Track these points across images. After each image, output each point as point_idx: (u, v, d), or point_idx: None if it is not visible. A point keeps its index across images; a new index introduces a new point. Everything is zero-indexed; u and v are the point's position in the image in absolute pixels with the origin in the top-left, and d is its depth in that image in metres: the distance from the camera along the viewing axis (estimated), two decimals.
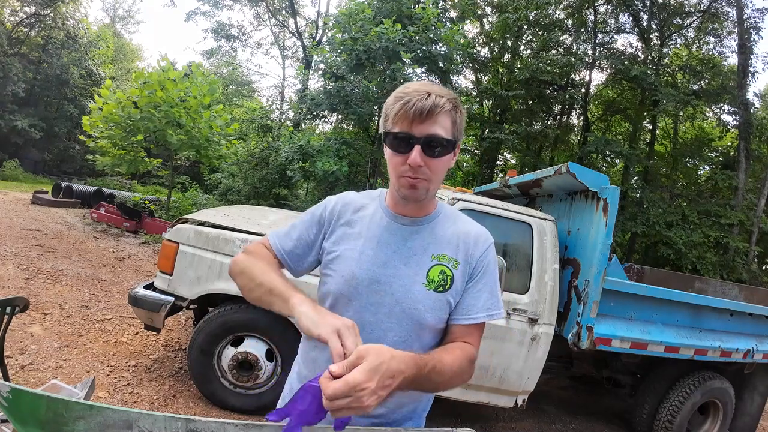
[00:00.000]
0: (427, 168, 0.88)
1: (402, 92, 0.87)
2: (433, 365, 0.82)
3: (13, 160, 17.67)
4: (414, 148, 0.85)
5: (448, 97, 0.87)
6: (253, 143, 13.17)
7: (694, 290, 4.47)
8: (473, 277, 0.98)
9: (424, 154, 0.86)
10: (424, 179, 0.89)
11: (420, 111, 0.83)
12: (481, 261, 0.99)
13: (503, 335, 2.82)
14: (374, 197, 1.05)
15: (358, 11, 10.45)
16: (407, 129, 0.86)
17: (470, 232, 1.01)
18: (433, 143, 0.86)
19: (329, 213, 1.03)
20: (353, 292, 0.95)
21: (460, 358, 0.89)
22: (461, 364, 0.89)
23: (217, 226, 2.95)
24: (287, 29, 21.45)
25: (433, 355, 0.86)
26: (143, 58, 33.28)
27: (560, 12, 14.35)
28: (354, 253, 0.97)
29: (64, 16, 20.25)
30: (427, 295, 0.94)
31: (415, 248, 0.97)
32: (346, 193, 1.09)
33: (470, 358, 0.93)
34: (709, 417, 3.65)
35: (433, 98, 0.84)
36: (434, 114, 0.85)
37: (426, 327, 0.95)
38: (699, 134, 16.01)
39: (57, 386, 0.89)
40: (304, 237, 1.03)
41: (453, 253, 0.97)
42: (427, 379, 0.80)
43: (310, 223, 1.04)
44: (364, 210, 1.02)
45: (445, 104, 0.86)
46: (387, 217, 0.99)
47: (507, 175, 3.90)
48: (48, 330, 3.53)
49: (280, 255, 1.03)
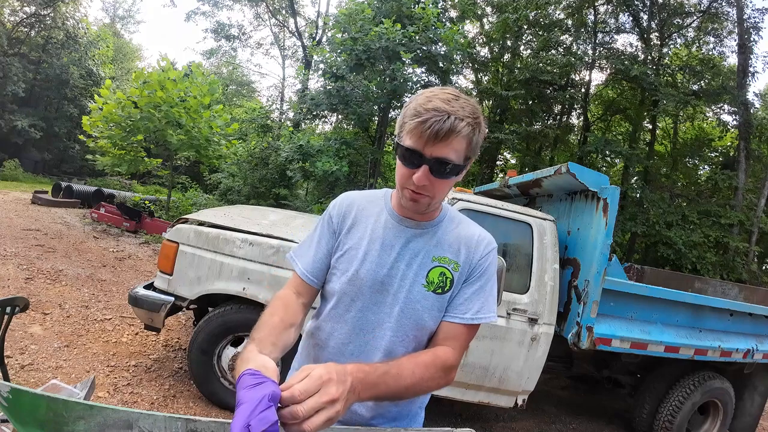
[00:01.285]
0: (432, 186, 0.87)
1: (423, 107, 0.82)
2: (386, 370, 0.81)
3: (13, 160, 17.67)
4: (421, 168, 0.84)
5: (469, 119, 0.83)
6: (253, 143, 13.16)
7: (694, 290, 4.47)
8: (470, 279, 0.98)
9: (431, 174, 0.85)
10: (426, 195, 0.89)
11: (435, 134, 0.81)
12: (480, 264, 0.98)
13: (503, 335, 2.82)
14: (378, 197, 1.05)
15: (358, 11, 10.46)
16: (419, 148, 0.83)
17: (473, 236, 1.01)
18: (442, 166, 0.84)
19: (336, 216, 1.04)
20: (357, 292, 0.96)
21: (424, 364, 0.87)
22: (427, 371, 0.87)
23: (217, 226, 2.95)
24: (287, 29, 21.46)
25: (390, 361, 0.87)
26: (143, 58, 33.34)
27: (560, 12, 14.35)
28: (359, 253, 0.98)
29: (64, 16, 20.24)
30: (426, 296, 0.95)
31: (418, 250, 0.97)
32: (349, 193, 1.09)
33: (444, 364, 0.90)
34: (709, 417, 3.65)
35: (452, 121, 0.81)
36: (449, 138, 0.82)
37: (424, 328, 0.96)
38: (699, 134, 16.01)
39: (57, 386, 0.89)
40: (323, 249, 1.03)
41: (454, 255, 0.98)
42: (382, 383, 0.79)
43: (321, 234, 1.04)
44: (368, 210, 1.03)
45: (462, 129, 0.82)
46: (392, 219, 1.00)
47: (507, 175, 3.90)
48: (48, 330, 3.53)
49: (309, 280, 1.01)
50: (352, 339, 0.98)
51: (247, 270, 2.74)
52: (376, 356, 0.95)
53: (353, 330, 0.97)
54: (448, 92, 0.85)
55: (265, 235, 2.86)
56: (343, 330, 0.98)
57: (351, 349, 0.98)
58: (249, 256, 2.77)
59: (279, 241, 2.79)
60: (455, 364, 0.93)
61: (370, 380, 0.76)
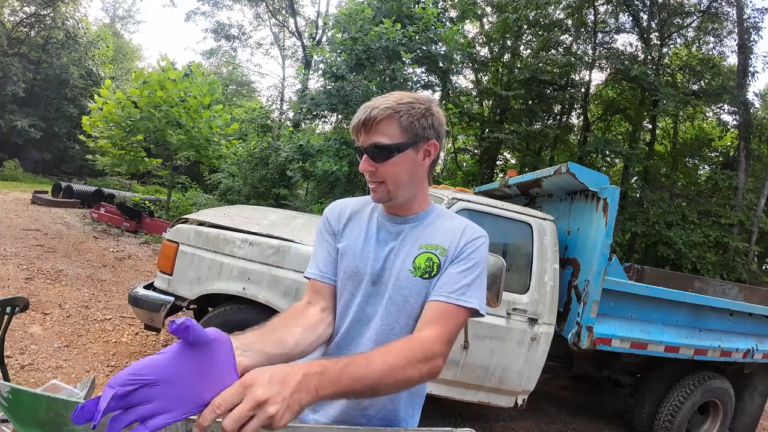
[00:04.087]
0: (380, 172, 0.94)
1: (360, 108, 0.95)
2: (350, 361, 0.73)
3: (13, 160, 17.67)
4: (363, 157, 0.95)
5: (389, 105, 0.91)
6: (253, 143, 13.16)
7: (694, 290, 4.47)
8: (455, 260, 0.96)
9: (372, 161, 0.93)
10: (380, 182, 0.96)
11: (362, 122, 0.92)
12: (467, 248, 0.97)
13: (503, 335, 2.82)
14: (369, 201, 1.10)
15: (358, 11, 10.45)
16: (358, 140, 0.95)
17: (462, 226, 1.02)
18: (377, 150, 0.92)
19: (333, 219, 1.09)
20: (356, 287, 1.01)
21: (398, 350, 0.79)
22: (401, 357, 0.78)
23: (217, 226, 2.95)
24: (287, 29, 21.44)
25: (356, 354, 0.87)
26: (143, 58, 33.31)
27: (560, 12, 14.34)
28: (356, 251, 1.03)
29: (64, 16, 20.24)
30: (413, 281, 0.97)
31: (407, 241, 1.01)
32: (340, 200, 1.15)
33: (422, 349, 0.82)
34: (709, 417, 3.65)
35: (370, 110, 0.91)
36: (371, 124, 0.92)
37: (413, 315, 0.97)
38: (699, 134, 16.00)
39: (57, 386, 0.89)
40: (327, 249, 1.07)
41: (441, 242, 0.99)
42: (346, 377, 0.71)
43: (322, 239, 1.09)
44: (361, 213, 1.09)
45: (378, 114, 0.90)
46: (382, 218, 1.05)
47: (507, 175, 3.90)
48: (48, 330, 3.53)
49: (322, 277, 1.05)
50: (351, 332, 1.01)
51: (247, 270, 2.74)
52: (368, 346, 0.98)
53: (352, 323, 1.01)
54: (387, 95, 0.95)
55: (265, 235, 2.86)
56: (345, 324, 1.02)
57: (348, 341, 1.01)
58: (249, 256, 2.77)
59: (279, 241, 2.78)
60: (439, 351, 0.84)
61: (329, 374, 0.69)
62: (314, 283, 1.04)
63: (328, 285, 1.04)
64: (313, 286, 1.04)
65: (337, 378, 0.70)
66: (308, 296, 1.04)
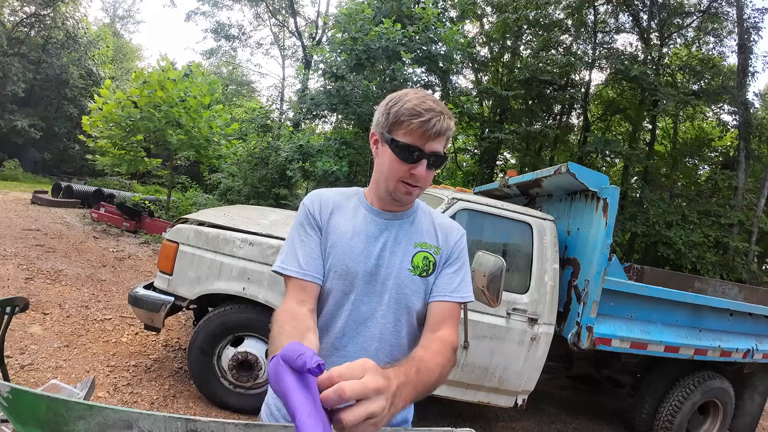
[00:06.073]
0: (425, 179, 0.97)
1: (420, 108, 0.91)
2: (417, 368, 0.78)
3: (13, 160, 17.65)
4: (421, 162, 0.93)
5: (451, 119, 0.96)
6: (252, 143, 13.14)
7: (694, 290, 4.47)
8: (449, 260, 1.05)
9: (428, 168, 0.95)
10: (419, 187, 0.98)
11: (437, 132, 0.91)
12: (456, 247, 1.07)
13: (503, 335, 2.82)
14: (351, 194, 1.09)
15: (358, 11, 10.45)
16: (420, 144, 0.92)
17: (445, 224, 1.10)
18: (437, 159, 0.95)
19: (315, 212, 1.03)
20: (348, 286, 0.99)
21: (440, 352, 0.89)
22: (444, 357, 0.88)
23: (217, 226, 2.95)
24: (287, 29, 21.45)
25: (413, 356, 0.84)
26: (143, 58, 33.32)
27: (560, 12, 14.34)
28: (345, 248, 1.00)
29: (64, 16, 20.22)
30: (413, 280, 1.01)
31: (400, 238, 1.03)
32: (318, 191, 1.09)
33: (452, 346, 0.94)
34: (709, 417, 3.65)
35: (446, 120, 0.93)
36: (443, 135, 0.94)
37: (413, 311, 1.01)
38: (699, 134, 16.00)
39: (57, 386, 0.89)
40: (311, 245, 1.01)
41: (433, 241, 1.05)
42: (420, 383, 0.76)
43: (304, 234, 1.02)
44: (344, 206, 1.06)
45: (452, 126, 0.95)
46: (371, 214, 1.05)
47: (507, 175, 3.90)
48: (48, 330, 3.53)
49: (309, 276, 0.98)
50: (347, 332, 0.99)
51: (247, 270, 2.75)
52: (372, 345, 0.98)
53: (347, 323, 0.99)
54: (429, 95, 0.96)
55: (265, 235, 2.86)
56: (338, 324, 1.00)
57: (345, 342, 0.99)
58: (249, 256, 2.77)
59: (279, 241, 2.78)
60: (456, 344, 0.97)
61: (411, 383, 0.73)
62: (298, 282, 0.96)
63: (315, 285, 0.97)
64: (298, 285, 0.96)
65: (414, 385, 0.75)
66: (297, 296, 0.95)
